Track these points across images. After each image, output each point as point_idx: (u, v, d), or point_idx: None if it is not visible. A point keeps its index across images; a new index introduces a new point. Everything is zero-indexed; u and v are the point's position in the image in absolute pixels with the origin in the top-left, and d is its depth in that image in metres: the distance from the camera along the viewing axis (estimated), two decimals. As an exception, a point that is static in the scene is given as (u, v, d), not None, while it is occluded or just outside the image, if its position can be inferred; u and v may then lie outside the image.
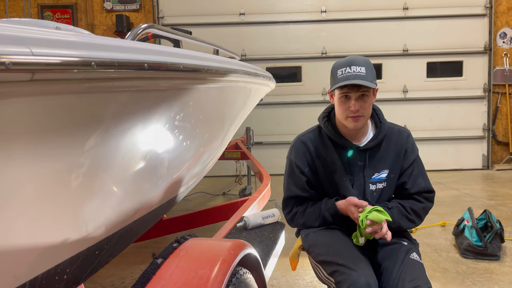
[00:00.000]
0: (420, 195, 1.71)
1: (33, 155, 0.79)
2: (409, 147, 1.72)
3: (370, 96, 1.61)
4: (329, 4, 6.51)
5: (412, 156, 1.72)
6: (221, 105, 1.97)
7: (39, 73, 0.67)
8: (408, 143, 1.72)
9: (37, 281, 0.90)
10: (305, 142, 1.73)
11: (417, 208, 1.70)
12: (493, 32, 6.49)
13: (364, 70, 1.57)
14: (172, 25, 6.31)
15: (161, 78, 1.12)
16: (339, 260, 1.51)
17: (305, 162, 1.72)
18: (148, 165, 1.32)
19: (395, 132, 1.72)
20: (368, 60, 1.62)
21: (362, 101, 1.59)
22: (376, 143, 1.67)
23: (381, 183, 1.70)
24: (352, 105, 1.57)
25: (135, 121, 1.13)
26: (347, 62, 1.58)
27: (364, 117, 1.61)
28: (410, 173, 1.71)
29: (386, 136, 1.70)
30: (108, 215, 1.15)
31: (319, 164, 1.71)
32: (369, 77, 1.57)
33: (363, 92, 1.57)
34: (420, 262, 1.58)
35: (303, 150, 1.73)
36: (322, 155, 1.71)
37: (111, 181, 1.13)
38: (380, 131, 1.69)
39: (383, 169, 1.70)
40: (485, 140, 6.62)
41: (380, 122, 1.72)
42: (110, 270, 2.73)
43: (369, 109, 1.62)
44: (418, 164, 1.74)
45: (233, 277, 1.18)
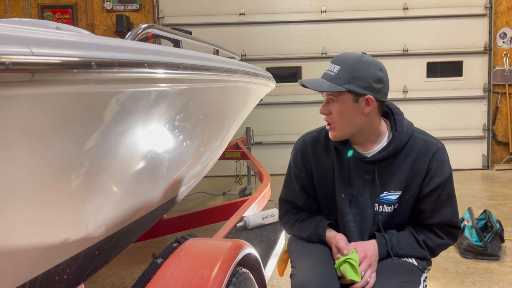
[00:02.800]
0: (441, 229, 1.39)
1: (33, 155, 0.79)
2: (435, 167, 1.36)
3: (342, 103, 1.32)
4: (329, 4, 6.51)
5: (438, 179, 1.36)
6: (221, 105, 1.97)
7: (39, 73, 0.67)
8: (434, 161, 1.36)
9: (37, 281, 0.90)
10: (306, 143, 1.50)
11: (433, 244, 1.39)
12: (493, 32, 6.49)
13: (337, 69, 1.31)
14: (172, 25, 6.32)
15: (161, 78, 1.12)
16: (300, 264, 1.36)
17: (302, 165, 1.49)
18: (148, 165, 1.32)
19: (419, 144, 1.38)
20: (354, 59, 1.32)
21: (331, 105, 1.34)
22: (385, 155, 1.36)
23: (390, 205, 1.39)
24: (321, 107, 1.37)
25: (135, 121, 1.13)
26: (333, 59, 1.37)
27: (336, 126, 1.35)
28: (433, 200, 1.37)
29: (406, 148, 1.37)
30: (108, 215, 1.15)
31: (316, 170, 1.47)
32: (338, 79, 1.30)
33: (329, 95, 1.33)
34: (415, 265, 1.37)
35: (302, 152, 1.50)
36: (320, 161, 1.46)
37: (111, 181, 1.13)
38: (393, 141, 1.36)
39: (394, 188, 1.38)
40: (485, 140, 6.62)
41: (396, 129, 1.38)
42: (110, 270, 2.73)
43: (340, 118, 1.33)
44: (447, 190, 1.38)
45: (233, 277, 1.18)
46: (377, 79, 1.32)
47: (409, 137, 1.38)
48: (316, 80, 1.35)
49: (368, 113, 1.33)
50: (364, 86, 1.30)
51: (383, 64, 1.41)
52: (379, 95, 1.33)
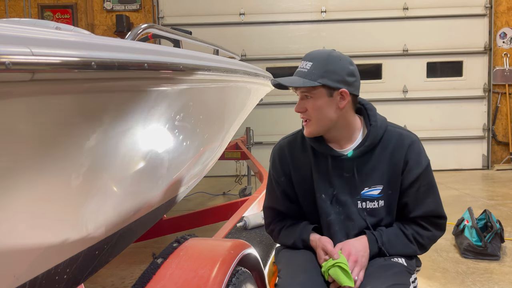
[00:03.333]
0: (426, 220, 1.39)
1: (33, 155, 0.79)
2: (412, 158, 1.37)
3: (317, 98, 1.32)
4: (329, 4, 6.51)
5: (416, 170, 1.37)
6: (221, 105, 1.97)
7: (39, 73, 0.67)
8: (410, 153, 1.37)
9: (37, 281, 0.90)
10: (283, 147, 1.49)
11: (421, 237, 1.39)
12: (493, 32, 6.48)
13: (310, 65, 1.32)
14: (172, 25, 6.31)
15: (161, 78, 1.12)
16: (284, 273, 1.33)
17: (281, 170, 1.47)
18: (148, 165, 1.32)
19: (394, 138, 1.39)
20: (324, 54, 1.33)
21: (306, 102, 1.34)
22: (362, 151, 1.37)
23: (373, 201, 1.38)
24: (296, 105, 1.36)
25: (135, 121, 1.13)
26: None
27: (312, 122, 1.35)
28: (414, 191, 1.38)
29: (382, 142, 1.38)
30: (108, 215, 1.15)
31: (294, 173, 1.45)
32: (311, 75, 1.30)
33: (303, 92, 1.33)
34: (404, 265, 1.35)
35: (280, 156, 1.48)
36: (298, 163, 1.45)
37: (111, 181, 1.13)
38: (369, 136, 1.37)
39: (375, 183, 1.37)
40: (485, 140, 6.62)
41: (371, 124, 1.38)
42: (110, 270, 2.73)
43: (316, 113, 1.33)
44: (427, 180, 1.38)
45: (233, 277, 1.18)
46: (349, 72, 1.33)
47: (384, 131, 1.39)
48: (289, 78, 1.35)
49: (343, 107, 1.33)
50: (337, 79, 1.30)
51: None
52: (353, 89, 1.34)
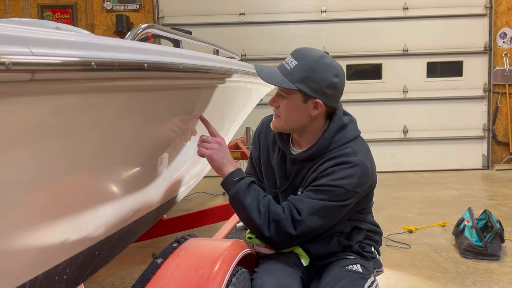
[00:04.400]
0: (285, 204, 1.32)
1: (33, 155, 0.79)
2: (328, 171, 1.31)
3: (291, 101, 1.30)
4: (329, 4, 6.51)
5: (323, 180, 1.31)
6: (221, 105, 1.97)
7: (39, 73, 0.67)
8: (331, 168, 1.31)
9: (37, 281, 0.90)
10: (263, 125, 1.53)
11: (273, 208, 1.30)
12: (493, 32, 6.48)
13: (294, 65, 1.29)
14: (172, 25, 6.31)
15: (161, 78, 1.12)
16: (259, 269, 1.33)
17: (257, 143, 1.52)
18: (148, 165, 1.32)
19: (334, 154, 1.34)
20: (313, 59, 1.28)
21: (280, 99, 1.33)
22: (306, 156, 1.37)
23: None
24: (271, 98, 1.36)
25: (135, 121, 1.13)
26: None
27: (281, 120, 1.34)
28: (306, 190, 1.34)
29: (327, 155, 1.35)
30: (108, 215, 1.15)
31: (262, 151, 1.51)
32: (291, 76, 1.27)
33: (280, 90, 1.31)
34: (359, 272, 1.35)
35: (259, 131, 1.54)
36: (268, 145, 1.50)
37: (111, 181, 1.13)
38: (315, 145, 1.35)
39: (304, 187, 1.38)
40: (485, 140, 6.62)
41: (323, 136, 1.36)
42: (110, 270, 2.72)
43: (286, 114, 1.32)
44: (322, 193, 1.30)
45: (233, 277, 1.18)
46: (331, 84, 1.29)
47: (337, 146, 1.35)
48: (270, 70, 1.32)
49: (315, 116, 1.32)
50: (315, 89, 1.28)
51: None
52: (329, 101, 1.32)
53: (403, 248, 3.06)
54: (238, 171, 1.35)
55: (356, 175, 1.31)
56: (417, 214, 3.94)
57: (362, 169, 1.32)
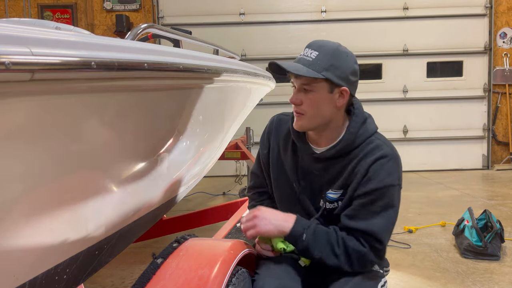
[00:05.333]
0: (364, 237, 1.25)
1: (33, 155, 0.79)
2: (374, 171, 1.26)
3: (317, 92, 1.24)
4: (329, 4, 6.51)
5: (372, 184, 1.25)
6: (221, 105, 1.97)
7: (39, 73, 0.67)
8: (374, 166, 1.26)
9: (37, 281, 0.90)
10: (274, 123, 1.47)
11: (352, 244, 1.24)
12: (493, 32, 6.48)
13: (315, 55, 1.23)
14: (172, 25, 6.31)
15: (161, 78, 1.12)
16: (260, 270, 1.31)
17: (267, 142, 1.46)
18: (148, 165, 1.32)
19: (370, 147, 1.30)
20: (333, 47, 1.25)
21: (303, 94, 1.26)
22: (332, 154, 1.31)
23: (332, 203, 1.34)
24: (292, 96, 1.28)
25: (135, 121, 1.13)
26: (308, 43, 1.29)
27: (305, 116, 1.27)
28: (363, 204, 1.26)
29: (357, 150, 1.31)
30: (108, 215, 1.15)
31: (272, 151, 1.44)
32: (316, 65, 1.22)
33: (302, 83, 1.25)
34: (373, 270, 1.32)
35: (270, 130, 1.47)
36: (279, 145, 1.43)
37: (111, 181, 1.13)
38: (341, 141, 1.30)
39: (337, 188, 1.32)
40: (485, 140, 6.62)
41: (349, 130, 1.31)
42: (110, 270, 2.72)
43: (312, 109, 1.25)
44: (383, 201, 1.25)
45: (233, 277, 1.18)
46: (354, 71, 1.27)
47: (363, 140, 1.31)
48: (291, 64, 1.26)
49: (340, 106, 1.27)
50: (341, 76, 1.23)
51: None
52: (352, 88, 1.28)
53: (403, 248, 3.06)
54: (295, 225, 1.27)
55: (396, 167, 1.30)
56: (417, 214, 3.94)
57: (397, 159, 1.31)
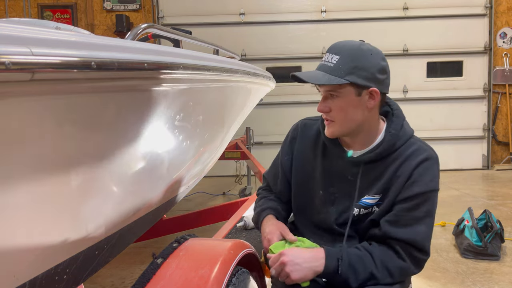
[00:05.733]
0: (405, 249, 1.18)
1: (33, 155, 0.79)
2: (418, 173, 1.20)
3: (344, 97, 1.18)
4: (329, 4, 6.51)
5: (417, 188, 1.19)
6: (221, 105, 1.97)
7: (39, 73, 0.67)
8: (419, 169, 1.20)
9: (37, 281, 0.90)
10: (299, 129, 1.40)
11: (392, 264, 1.17)
12: (493, 32, 6.48)
13: (336, 59, 1.17)
14: (172, 25, 6.31)
15: (161, 78, 1.12)
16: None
17: (288, 149, 1.40)
18: (148, 165, 1.32)
19: (411, 150, 1.24)
20: (354, 47, 1.18)
21: (330, 101, 1.20)
22: (371, 157, 1.24)
23: (367, 208, 1.26)
24: (319, 104, 1.23)
25: (135, 121, 1.13)
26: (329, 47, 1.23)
27: (336, 123, 1.21)
28: (405, 210, 1.20)
29: (396, 153, 1.24)
30: (108, 215, 1.15)
31: (296, 158, 1.37)
32: (338, 70, 1.15)
33: (327, 90, 1.19)
34: None
35: (294, 135, 1.40)
36: (304, 151, 1.36)
37: (111, 181, 1.13)
38: (382, 144, 1.24)
39: (375, 193, 1.25)
40: (485, 140, 6.62)
41: (390, 132, 1.25)
42: (110, 270, 2.72)
43: (341, 114, 1.20)
44: (426, 206, 1.19)
45: (233, 277, 1.18)
46: (381, 68, 1.19)
47: (404, 142, 1.25)
48: (312, 72, 1.21)
49: (372, 107, 1.20)
50: (367, 77, 1.16)
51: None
52: (383, 87, 1.21)
53: (403, 248, 3.06)
54: (327, 261, 1.18)
55: (438, 171, 1.24)
56: (417, 214, 3.94)
57: (437, 162, 1.25)
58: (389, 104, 1.32)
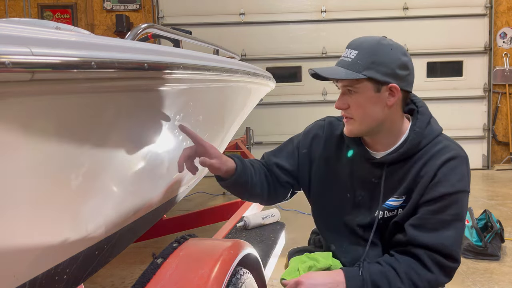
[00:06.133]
0: (432, 257, 1.10)
1: (33, 155, 0.79)
2: (443, 173, 1.13)
3: (362, 93, 1.13)
4: (329, 4, 6.51)
5: (442, 189, 1.12)
6: (221, 105, 1.97)
7: (39, 73, 0.67)
8: (444, 168, 1.13)
9: (37, 281, 0.90)
10: (324, 127, 1.34)
11: (418, 278, 1.10)
12: (493, 32, 6.48)
13: (355, 54, 1.14)
14: (172, 25, 6.31)
15: (161, 78, 1.12)
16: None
17: (309, 144, 1.33)
18: (148, 165, 1.32)
19: (437, 148, 1.17)
20: (373, 42, 1.16)
21: (348, 97, 1.16)
22: (395, 158, 1.18)
23: (392, 211, 1.20)
24: (337, 100, 1.19)
25: (135, 121, 1.13)
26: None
27: (355, 121, 1.17)
28: (430, 212, 1.13)
29: (421, 152, 1.18)
30: (108, 215, 1.15)
31: (319, 157, 1.31)
32: (356, 65, 1.12)
33: (345, 85, 1.15)
34: None
35: (317, 132, 1.34)
36: (328, 151, 1.31)
37: (111, 181, 1.13)
38: (406, 143, 1.17)
39: (399, 194, 1.19)
40: (485, 140, 6.62)
41: (414, 130, 1.18)
42: (110, 270, 2.72)
43: (359, 111, 1.15)
44: (454, 209, 1.12)
45: (233, 277, 1.18)
46: (401, 64, 1.14)
47: (429, 141, 1.18)
48: (329, 68, 1.17)
49: (392, 104, 1.14)
50: (386, 72, 1.12)
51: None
52: (404, 84, 1.15)
53: (403, 248, 3.06)
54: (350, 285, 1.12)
55: (467, 171, 1.17)
56: (417, 214, 3.94)
57: (468, 162, 1.18)
58: (415, 101, 1.25)
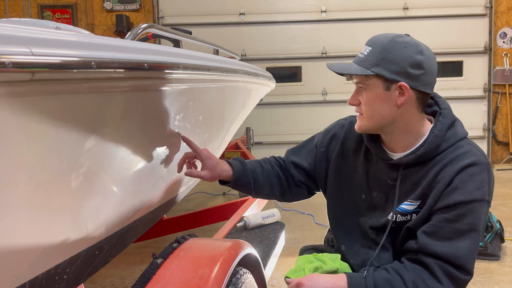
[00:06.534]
0: (442, 267, 1.06)
1: (33, 155, 0.79)
2: (460, 179, 1.08)
3: (371, 90, 1.13)
4: (329, 4, 6.51)
5: (457, 196, 1.07)
6: (221, 105, 1.97)
7: (39, 73, 0.67)
8: (461, 175, 1.08)
9: (37, 281, 0.90)
10: (344, 126, 1.34)
11: (422, 286, 1.06)
12: (493, 32, 6.48)
13: (368, 51, 1.13)
14: (172, 25, 6.31)
15: (161, 78, 1.12)
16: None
17: (327, 143, 1.34)
18: (148, 165, 1.32)
19: (457, 153, 1.11)
20: (387, 39, 1.14)
21: (360, 93, 1.17)
22: (411, 160, 1.14)
23: (405, 215, 1.16)
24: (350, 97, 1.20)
25: (135, 121, 1.13)
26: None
27: (364, 117, 1.17)
28: (442, 218, 1.08)
29: (440, 156, 1.13)
30: (108, 215, 1.15)
31: (337, 157, 1.31)
32: (366, 62, 1.12)
33: (357, 82, 1.16)
34: None
35: (336, 132, 1.34)
36: (347, 151, 1.30)
37: (111, 181, 1.13)
38: (424, 145, 1.13)
39: (414, 198, 1.15)
40: (485, 140, 6.62)
41: (434, 133, 1.13)
42: (110, 270, 2.72)
43: (367, 108, 1.15)
44: (469, 219, 1.07)
45: (233, 277, 1.18)
46: (414, 62, 1.10)
47: (450, 145, 1.13)
48: (344, 63, 1.19)
49: (402, 104, 1.11)
50: (395, 70, 1.09)
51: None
52: (417, 84, 1.10)
53: (403, 248, 3.06)
54: (350, 285, 1.11)
55: (488, 179, 1.10)
56: (417, 214, 3.94)
57: (490, 170, 1.11)
58: (438, 103, 1.21)
